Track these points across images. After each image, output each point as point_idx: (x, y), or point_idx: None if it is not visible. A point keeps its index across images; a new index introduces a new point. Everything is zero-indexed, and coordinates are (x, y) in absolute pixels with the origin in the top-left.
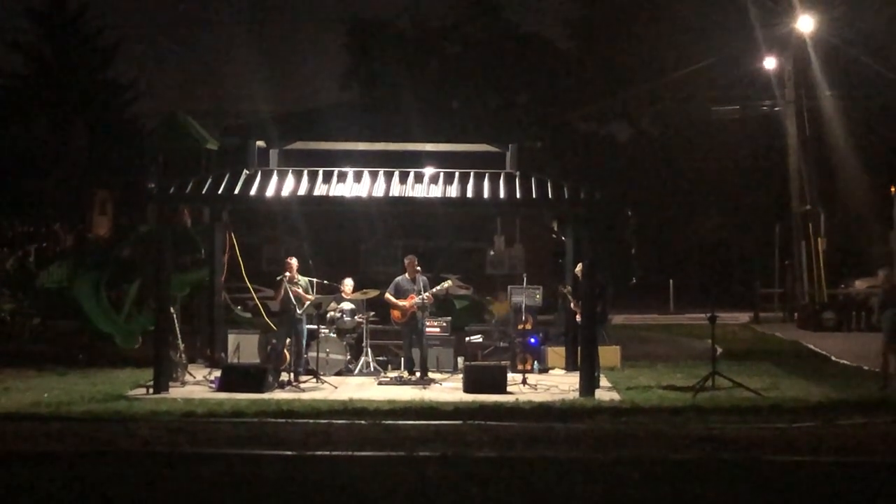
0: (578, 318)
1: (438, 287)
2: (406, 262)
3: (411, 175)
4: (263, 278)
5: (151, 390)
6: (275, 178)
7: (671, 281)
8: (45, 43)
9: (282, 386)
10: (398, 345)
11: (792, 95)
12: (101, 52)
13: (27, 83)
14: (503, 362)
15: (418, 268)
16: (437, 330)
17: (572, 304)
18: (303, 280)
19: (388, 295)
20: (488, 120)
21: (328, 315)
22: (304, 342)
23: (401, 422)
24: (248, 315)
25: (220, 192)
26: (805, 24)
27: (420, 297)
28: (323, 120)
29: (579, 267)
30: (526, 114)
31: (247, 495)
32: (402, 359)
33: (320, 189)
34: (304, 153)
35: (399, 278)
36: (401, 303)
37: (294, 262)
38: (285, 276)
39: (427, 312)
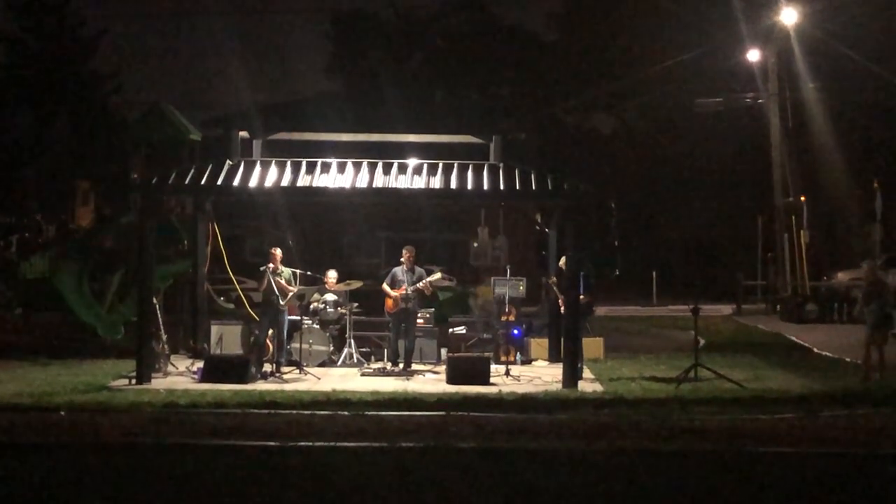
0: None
1: (428, 279)
2: (404, 253)
3: (395, 166)
4: (247, 269)
5: (134, 381)
6: (258, 169)
7: (654, 273)
8: (27, 33)
9: (264, 377)
10: (381, 336)
11: (775, 88)
12: (83, 43)
13: (9, 73)
14: (486, 354)
15: (402, 259)
16: (421, 321)
17: (560, 299)
18: (286, 271)
19: (384, 285)
20: (472, 111)
21: (311, 306)
22: (286, 333)
23: (384, 413)
24: (231, 306)
25: (202, 182)
26: (788, 16)
27: (407, 288)
28: (306, 111)
29: (563, 259)
30: (509, 105)
31: (229, 486)
32: (387, 349)
33: (303, 180)
34: (287, 144)
35: (396, 269)
36: (392, 292)
37: (278, 252)
38: (269, 267)
39: (411, 303)
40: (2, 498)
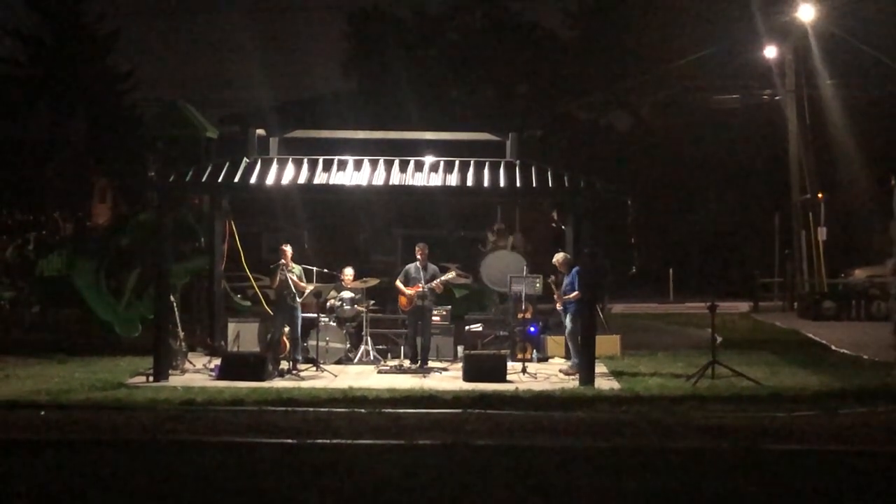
0: (559, 306)
1: (442, 278)
2: (417, 250)
3: (411, 164)
4: (263, 267)
5: (151, 378)
6: (275, 167)
7: (671, 270)
8: (44, 31)
9: (281, 374)
10: (398, 333)
11: (792, 84)
12: (100, 40)
13: (26, 71)
14: (503, 351)
15: (418, 256)
16: (437, 318)
17: (555, 295)
18: (297, 268)
19: (397, 282)
20: (488, 108)
21: (328, 303)
22: (300, 330)
23: (400, 410)
24: (248, 303)
25: (219, 180)
26: (806, 12)
27: (423, 286)
28: (323, 108)
29: (557, 257)
30: (526, 102)
31: (246, 483)
32: (403, 347)
33: (320, 177)
34: (303, 141)
35: (410, 266)
36: (407, 290)
37: (288, 249)
38: (281, 264)
39: (427, 301)
40: (19, 495)
